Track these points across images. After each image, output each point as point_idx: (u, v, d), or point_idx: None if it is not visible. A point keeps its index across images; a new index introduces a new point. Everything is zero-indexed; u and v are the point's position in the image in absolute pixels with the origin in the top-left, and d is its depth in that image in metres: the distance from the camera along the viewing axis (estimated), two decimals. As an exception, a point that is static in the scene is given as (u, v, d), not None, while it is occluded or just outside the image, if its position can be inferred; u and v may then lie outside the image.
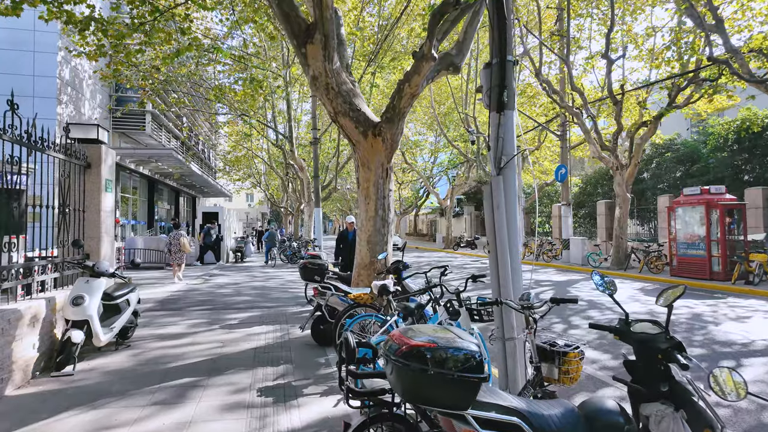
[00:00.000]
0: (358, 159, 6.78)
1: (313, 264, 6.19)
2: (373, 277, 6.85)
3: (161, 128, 25.29)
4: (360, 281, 6.91)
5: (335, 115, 6.50)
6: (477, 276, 4.70)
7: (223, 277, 14.13)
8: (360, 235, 6.97)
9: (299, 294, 10.66)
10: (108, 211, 6.93)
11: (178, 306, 9.06)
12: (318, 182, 19.96)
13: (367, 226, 6.86)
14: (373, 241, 6.86)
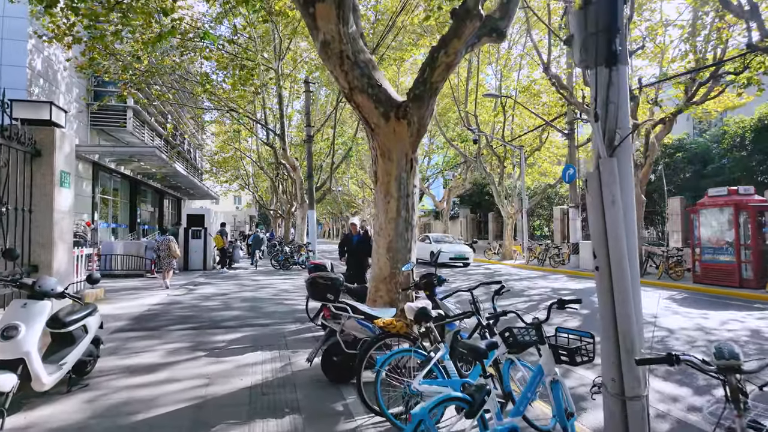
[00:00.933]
0: (377, 147, 5.48)
1: (325, 279, 4.85)
2: (395, 293, 5.56)
3: (144, 125, 23.70)
4: (378, 297, 5.61)
5: (350, 92, 5.20)
6: (567, 301, 3.40)
7: (209, 287, 12.68)
8: (378, 241, 5.67)
9: (296, 307, 9.30)
10: (64, 211, 5.52)
11: (156, 324, 7.64)
12: (312, 182, 18.61)
13: (387, 229, 5.56)
14: (394, 249, 5.56)
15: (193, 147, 34.77)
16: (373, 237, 5.81)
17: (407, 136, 5.37)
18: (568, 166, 18.06)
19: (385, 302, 5.60)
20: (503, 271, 17.95)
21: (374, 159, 5.65)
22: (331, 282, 4.75)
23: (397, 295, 5.61)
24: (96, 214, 21.61)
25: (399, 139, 5.37)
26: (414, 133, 5.40)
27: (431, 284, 4.93)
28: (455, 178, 28.83)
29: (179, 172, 26.88)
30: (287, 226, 30.33)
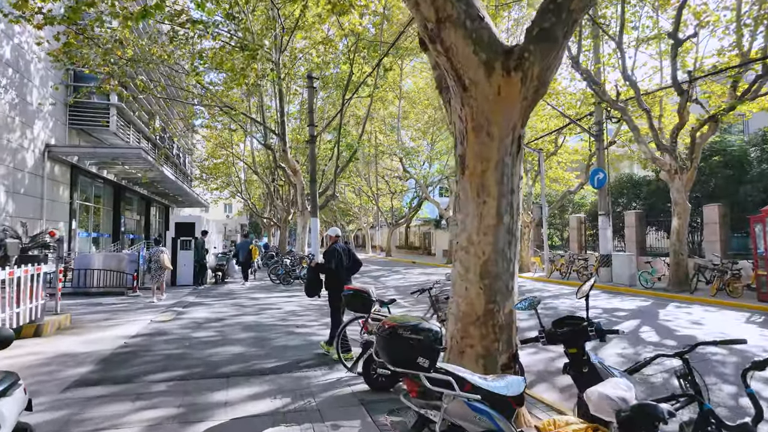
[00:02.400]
0: (468, 118, 3.56)
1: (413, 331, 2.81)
2: (493, 340, 3.61)
3: (129, 126, 21.53)
4: (466, 347, 3.66)
5: (436, 27, 3.29)
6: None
7: (200, 309, 10.56)
8: (464, 261, 3.73)
9: (312, 339, 7.29)
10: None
11: (131, 371, 5.56)
12: (315, 187, 16.60)
13: (480, 244, 3.64)
14: (492, 274, 3.63)
15: (182, 151, 32.55)
16: (455, 255, 3.85)
17: (518, 99, 3.45)
18: (597, 170, 16.33)
19: (479, 354, 3.64)
20: (527, 285, 16.06)
21: (460, 137, 3.71)
22: (423, 337, 2.75)
23: (496, 344, 3.66)
24: (74, 222, 19.36)
25: (505, 103, 3.44)
26: (529, 96, 3.48)
27: (581, 335, 2.96)
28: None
29: (167, 177, 24.69)
30: (283, 236, 28.20)
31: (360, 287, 5.21)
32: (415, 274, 20.82)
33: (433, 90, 31.20)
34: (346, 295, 5.21)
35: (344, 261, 6.49)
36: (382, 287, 15.77)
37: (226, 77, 16.38)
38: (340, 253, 6.49)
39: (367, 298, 5.04)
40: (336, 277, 6.40)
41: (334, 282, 6.41)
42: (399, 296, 13.18)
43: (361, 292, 5.13)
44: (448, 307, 3.91)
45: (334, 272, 6.39)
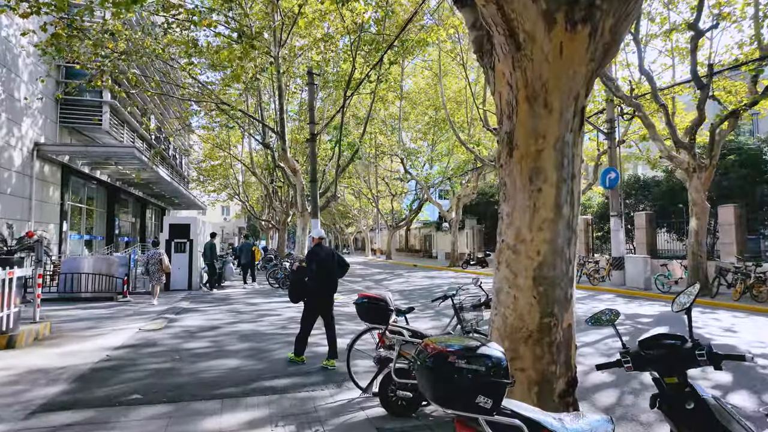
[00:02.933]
0: (519, 84, 2.84)
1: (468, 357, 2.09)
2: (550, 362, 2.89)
3: (123, 125, 20.78)
4: (516, 371, 2.91)
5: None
6: None
7: (194, 316, 9.79)
8: (511, 264, 3.00)
9: (316, 349, 6.55)
10: None
11: (110, 392, 4.80)
12: (316, 187, 15.87)
13: (533, 243, 2.92)
14: (548, 279, 2.91)
15: (178, 152, 31.78)
16: (499, 257, 3.12)
17: (584, 60, 2.73)
18: (609, 169, 15.66)
19: (531, 380, 2.91)
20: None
21: (508, 110, 2.98)
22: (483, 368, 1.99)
23: (552, 367, 2.93)
24: (65, 224, 18.57)
25: (568, 65, 2.73)
26: (597, 56, 2.76)
27: (684, 359, 2.24)
28: (465, 185, 26.32)
29: (162, 178, 23.91)
30: (282, 238, 27.43)
31: (375, 294, 4.47)
32: (418, 278, 20.09)
33: (435, 91, 30.59)
34: (358, 304, 4.47)
35: (328, 264, 5.98)
36: (385, 291, 15.05)
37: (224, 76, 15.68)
38: (322, 256, 5.98)
39: (383, 307, 4.31)
40: (318, 281, 5.92)
41: (314, 286, 5.94)
42: (404, 301, 12.45)
43: (377, 300, 4.39)
44: (491, 321, 3.18)
45: (315, 276, 5.88)
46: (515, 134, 2.95)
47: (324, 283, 5.99)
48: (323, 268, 5.94)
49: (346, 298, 13.42)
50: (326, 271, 5.98)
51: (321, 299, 6.02)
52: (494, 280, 3.19)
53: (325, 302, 6.07)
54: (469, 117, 24.66)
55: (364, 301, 4.41)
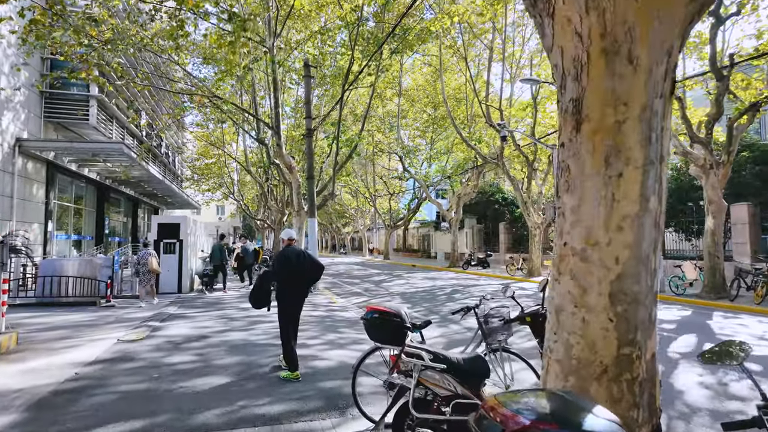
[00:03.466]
0: (592, 33, 2.09)
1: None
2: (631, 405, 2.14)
3: (112, 120, 19.91)
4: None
5: None
6: None
7: (181, 323, 8.99)
8: (578, 273, 2.24)
9: (315, 364, 5.80)
10: None
11: (66, 425, 4.01)
12: (313, 185, 15.12)
13: (612, 244, 2.17)
14: (630, 296, 2.16)
15: (171, 150, 30.89)
16: (559, 265, 2.36)
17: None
18: (618, 166, 14.94)
19: None
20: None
21: (574, 69, 2.22)
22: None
23: (634, 412, 2.18)
24: (50, 224, 17.70)
25: (663, 3, 1.98)
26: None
27: None
28: (465, 183, 25.58)
29: (154, 176, 23.05)
30: (277, 238, 26.61)
31: (388, 308, 3.65)
32: (419, 279, 19.35)
33: (433, 88, 29.86)
34: (368, 320, 3.66)
35: (299, 267, 5.50)
36: (386, 294, 14.29)
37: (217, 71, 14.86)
38: (291, 259, 5.49)
39: (398, 324, 3.51)
40: (287, 287, 5.48)
41: (284, 292, 5.49)
42: (407, 305, 11.70)
43: (390, 316, 3.57)
44: (547, 350, 2.42)
45: (285, 281, 5.47)
46: (584, 101, 2.20)
47: (294, 287, 5.52)
48: (293, 272, 5.47)
49: (345, 301, 12.66)
50: (296, 274, 5.51)
51: (291, 306, 5.54)
52: (552, 295, 2.44)
53: (295, 308, 5.59)
54: (470, 114, 23.93)
55: (375, 317, 3.60)
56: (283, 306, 5.50)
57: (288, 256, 5.51)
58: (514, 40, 20.14)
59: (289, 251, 5.60)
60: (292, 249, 5.67)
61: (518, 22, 20.85)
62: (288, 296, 5.49)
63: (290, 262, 5.47)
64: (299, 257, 5.58)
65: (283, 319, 5.48)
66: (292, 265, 5.46)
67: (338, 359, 6.19)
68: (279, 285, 5.52)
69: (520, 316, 4.22)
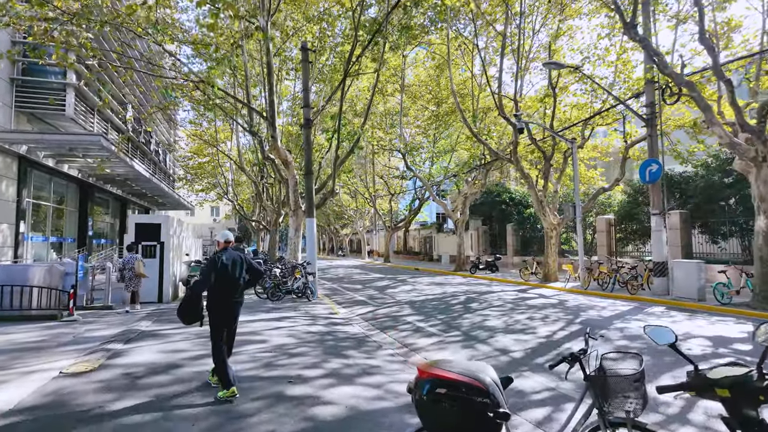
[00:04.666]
0: None
1: None
2: None
3: (93, 112, 18.20)
4: None
5: None
6: None
7: (150, 345, 7.30)
8: None
9: (315, 409, 4.13)
10: None
11: None
12: (311, 181, 13.48)
13: None
14: None
15: (162, 148, 29.14)
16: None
17: None
18: (649, 161, 13.41)
19: None
20: (570, 301, 13.03)
21: None
22: None
23: None
24: (23, 225, 15.99)
25: None
26: None
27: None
28: (471, 183, 23.97)
29: (141, 174, 21.35)
30: (273, 241, 24.92)
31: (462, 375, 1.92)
32: (425, 284, 17.71)
33: (436, 84, 28.29)
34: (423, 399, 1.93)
35: (234, 273, 5.04)
36: (392, 302, 12.64)
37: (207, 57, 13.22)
38: (224, 263, 4.98)
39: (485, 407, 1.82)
40: (217, 296, 4.97)
41: (214, 303, 4.96)
42: (419, 317, 10.08)
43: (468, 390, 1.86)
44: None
45: (214, 290, 4.96)
46: None
47: (225, 297, 5.02)
48: (224, 280, 4.97)
49: (348, 311, 11.01)
50: (227, 283, 5.00)
51: (223, 319, 5.01)
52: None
53: (228, 318, 5.11)
54: (476, 108, 22.34)
55: (439, 393, 1.89)
56: (214, 319, 4.93)
57: (219, 261, 4.97)
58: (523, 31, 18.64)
59: (224, 255, 5.08)
60: (227, 253, 5.14)
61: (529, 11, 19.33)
62: (218, 307, 4.96)
63: (221, 268, 4.94)
64: (234, 262, 5.08)
65: (214, 333, 4.93)
66: (222, 272, 4.94)
67: (348, 403, 4.55)
68: (208, 294, 4.95)
69: (696, 382, 2.31)
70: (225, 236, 5.35)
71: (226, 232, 5.43)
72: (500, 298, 13.16)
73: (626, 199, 20.64)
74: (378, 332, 8.63)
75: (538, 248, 25.07)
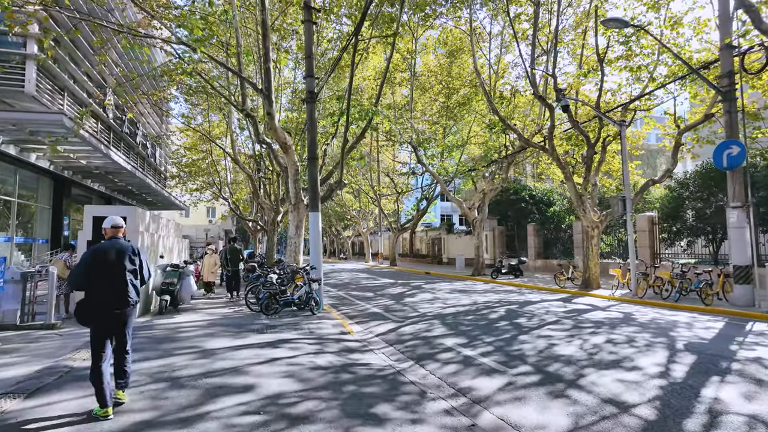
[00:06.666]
0: None
1: None
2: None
3: (63, 92, 15.60)
4: None
5: None
6: None
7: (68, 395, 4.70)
8: None
9: None
10: None
11: None
12: (316, 168, 10.90)
13: None
14: None
15: (151, 142, 26.52)
16: None
17: None
18: (727, 143, 10.87)
19: None
20: (637, 315, 10.45)
21: None
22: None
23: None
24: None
25: None
26: None
27: None
28: (489, 178, 21.39)
29: (122, 168, 18.78)
30: (271, 241, 22.30)
31: None
32: (446, 291, 15.11)
33: (447, 73, 25.83)
34: None
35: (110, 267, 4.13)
36: (416, 316, 10.02)
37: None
38: (100, 256, 4.13)
39: None
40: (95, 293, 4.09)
41: (90, 301, 4.10)
42: (459, 340, 7.53)
43: None
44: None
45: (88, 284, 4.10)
46: None
47: (103, 293, 4.10)
48: (102, 273, 4.10)
49: (363, 329, 8.42)
50: (106, 276, 4.12)
51: (102, 319, 4.12)
52: None
53: (109, 320, 4.14)
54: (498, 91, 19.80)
55: None
56: (93, 318, 4.12)
57: (98, 253, 4.16)
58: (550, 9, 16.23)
59: (105, 246, 4.22)
60: (110, 243, 4.25)
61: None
62: (94, 310, 4.09)
63: (98, 260, 4.12)
64: (116, 254, 4.17)
65: (92, 341, 4.11)
66: (100, 265, 4.11)
67: None
68: (85, 290, 4.14)
69: None
70: (111, 221, 4.39)
71: (113, 217, 4.44)
72: (548, 311, 10.57)
73: (670, 194, 18.10)
74: (412, 365, 6.07)
75: (563, 250, 22.52)
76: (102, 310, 4.11)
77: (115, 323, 4.22)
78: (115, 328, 4.24)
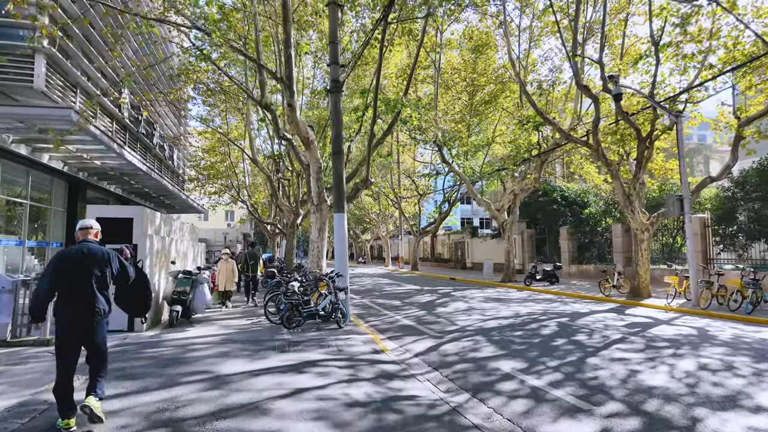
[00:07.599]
0: None
1: None
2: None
3: (75, 89, 14.81)
4: None
5: None
6: None
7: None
8: None
9: None
10: None
11: None
12: (341, 163, 9.80)
13: None
14: None
15: (168, 143, 25.84)
16: None
17: None
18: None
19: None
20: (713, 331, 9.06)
21: None
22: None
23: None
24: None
25: None
26: None
27: None
28: (520, 178, 20.00)
29: (137, 169, 17.97)
30: (290, 245, 21.28)
31: None
32: (479, 300, 13.83)
33: (472, 69, 24.59)
34: None
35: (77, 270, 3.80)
36: (455, 330, 8.77)
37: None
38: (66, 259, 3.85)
39: None
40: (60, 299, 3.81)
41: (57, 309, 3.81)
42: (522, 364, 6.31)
43: None
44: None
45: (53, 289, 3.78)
46: None
47: (69, 299, 3.79)
48: (68, 277, 3.77)
49: (398, 346, 7.22)
50: (72, 280, 3.78)
51: (67, 329, 3.77)
52: None
53: (74, 331, 3.80)
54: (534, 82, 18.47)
55: None
56: (56, 330, 3.81)
57: (62, 257, 3.83)
58: None
59: (70, 251, 3.90)
60: (78, 247, 3.89)
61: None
62: (60, 318, 3.77)
63: (64, 263, 3.79)
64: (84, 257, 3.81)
65: (56, 341, 3.83)
66: (64, 267, 3.78)
67: None
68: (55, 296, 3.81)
69: None
70: (81, 224, 4.03)
71: (85, 220, 4.07)
72: (606, 325, 9.22)
73: (723, 195, 16.52)
74: (468, 399, 4.88)
75: (599, 255, 21.00)
76: (66, 321, 3.78)
77: (81, 335, 3.88)
78: (83, 341, 3.91)
